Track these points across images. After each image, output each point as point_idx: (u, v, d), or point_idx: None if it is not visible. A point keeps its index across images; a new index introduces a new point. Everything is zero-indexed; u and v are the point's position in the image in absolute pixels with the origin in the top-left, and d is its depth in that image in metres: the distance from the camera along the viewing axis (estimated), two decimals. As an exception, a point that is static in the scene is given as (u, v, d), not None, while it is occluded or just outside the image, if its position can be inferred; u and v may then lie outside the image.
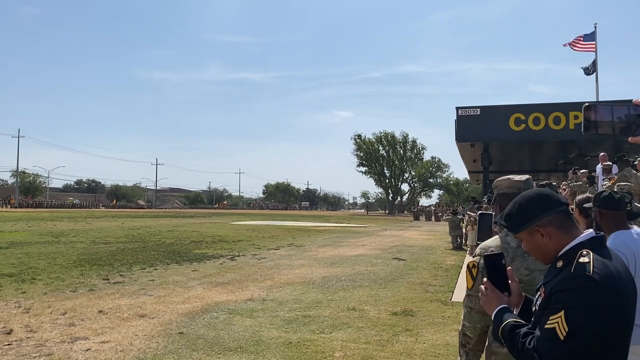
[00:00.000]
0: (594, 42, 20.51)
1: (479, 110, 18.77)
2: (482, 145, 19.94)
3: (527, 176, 2.07)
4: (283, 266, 10.58)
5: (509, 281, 1.44)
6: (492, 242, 1.92)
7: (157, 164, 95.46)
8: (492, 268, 1.44)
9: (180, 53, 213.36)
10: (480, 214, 2.20)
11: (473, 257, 1.94)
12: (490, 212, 2.20)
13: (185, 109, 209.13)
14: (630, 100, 1.40)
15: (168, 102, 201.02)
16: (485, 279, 1.45)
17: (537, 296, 1.38)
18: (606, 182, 7.75)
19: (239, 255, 12.38)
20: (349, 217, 49.54)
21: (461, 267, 10.65)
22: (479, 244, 2.00)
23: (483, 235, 2.13)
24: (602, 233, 1.37)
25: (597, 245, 1.32)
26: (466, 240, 15.30)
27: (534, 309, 1.38)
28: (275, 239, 18.21)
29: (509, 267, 1.47)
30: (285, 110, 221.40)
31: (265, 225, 27.66)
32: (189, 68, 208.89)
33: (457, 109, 18.87)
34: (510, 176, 2.09)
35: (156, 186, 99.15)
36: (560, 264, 1.33)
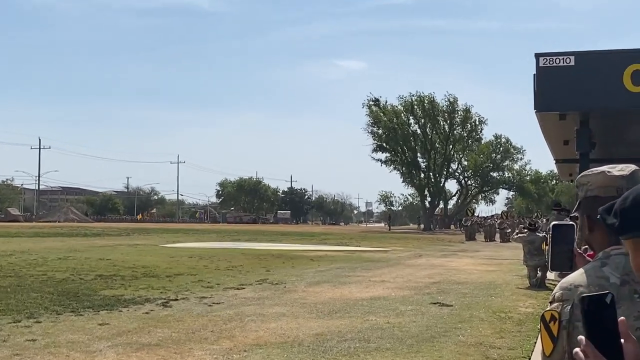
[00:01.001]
0: None
1: (573, 58, 18.79)
2: (579, 116, 19.78)
3: (633, 167, 2.11)
4: (250, 317, 10.75)
5: (622, 340, 1.41)
6: (578, 278, 1.95)
7: (40, 148, 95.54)
8: (593, 319, 1.41)
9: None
10: (554, 225, 2.20)
11: (550, 302, 1.96)
12: (569, 223, 2.21)
13: (87, 58, 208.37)
14: None
15: (58, 45, 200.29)
16: (581, 338, 1.43)
17: None
18: None
19: (176, 299, 12.63)
20: (360, 235, 49.71)
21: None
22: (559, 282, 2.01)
23: (559, 261, 2.14)
24: None
25: None
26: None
27: None
28: (237, 271, 18.49)
29: (621, 317, 1.43)
30: (254, 60, 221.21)
31: (220, 248, 27.99)
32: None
33: (538, 57, 18.83)
34: (605, 168, 2.13)
35: (38, 185, 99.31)
36: None
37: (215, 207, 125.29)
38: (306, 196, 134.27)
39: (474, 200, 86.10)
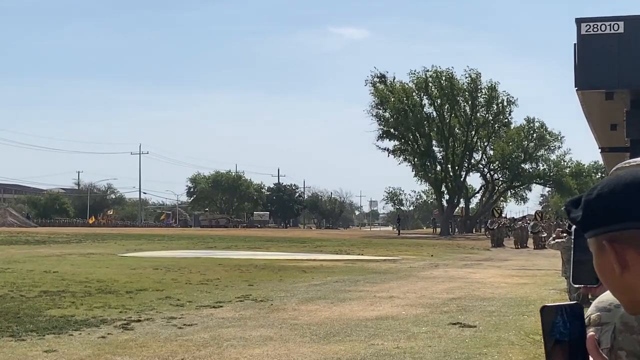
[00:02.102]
0: None
1: (622, 24, 18.58)
2: (629, 95, 19.82)
3: None
4: (229, 341, 10.60)
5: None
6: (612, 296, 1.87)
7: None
8: (557, 334, 1.47)
9: None
10: (576, 228, 1.99)
11: (586, 326, 1.84)
12: None
13: (24, 25, 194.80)
14: None
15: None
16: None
17: None
18: None
19: (139, 320, 12.43)
20: (362, 240, 49.95)
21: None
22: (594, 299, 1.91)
23: (583, 272, 1.88)
24: None
25: None
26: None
27: None
28: (213, 286, 18.15)
29: (591, 333, 1.52)
30: (231, 28, 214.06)
31: (192, 258, 28.03)
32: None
33: (580, 22, 18.80)
34: None
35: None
36: None
37: (185, 207, 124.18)
38: (297, 194, 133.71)
39: (501, 198, 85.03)
